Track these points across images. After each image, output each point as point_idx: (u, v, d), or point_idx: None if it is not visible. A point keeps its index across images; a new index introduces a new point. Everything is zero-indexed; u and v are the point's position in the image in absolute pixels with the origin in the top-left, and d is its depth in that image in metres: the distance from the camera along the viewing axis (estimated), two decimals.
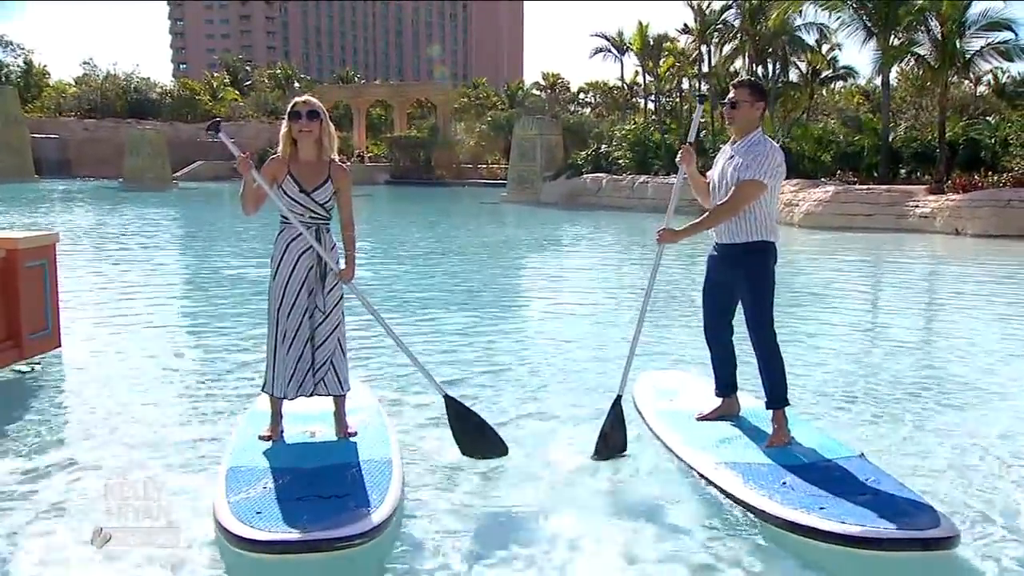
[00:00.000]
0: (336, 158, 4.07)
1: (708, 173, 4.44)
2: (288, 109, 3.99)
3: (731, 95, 4.20)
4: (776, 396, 4.14)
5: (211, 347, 6.99)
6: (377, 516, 3.22)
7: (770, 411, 4.19)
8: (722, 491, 3.71)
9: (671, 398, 4.83)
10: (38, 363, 6.09)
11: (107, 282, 10.86)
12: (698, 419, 4.46)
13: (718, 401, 4.51)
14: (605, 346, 7.15)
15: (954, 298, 11.14)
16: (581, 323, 8.58)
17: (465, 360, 6.62)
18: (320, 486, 3.48)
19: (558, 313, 9.32)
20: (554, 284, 12.31)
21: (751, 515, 3.52)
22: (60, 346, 6.39)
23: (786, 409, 4.19)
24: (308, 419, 4.26)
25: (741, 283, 4.21)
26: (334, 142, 4.05)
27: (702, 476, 3.88)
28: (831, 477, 3.69)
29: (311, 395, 4.06)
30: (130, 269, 12.74)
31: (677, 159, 4.35)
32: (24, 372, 5.92)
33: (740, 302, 4.30)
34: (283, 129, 4.00)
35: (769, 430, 4.17)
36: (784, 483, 3.65)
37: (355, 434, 4.11)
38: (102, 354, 6.60)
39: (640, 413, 4.66)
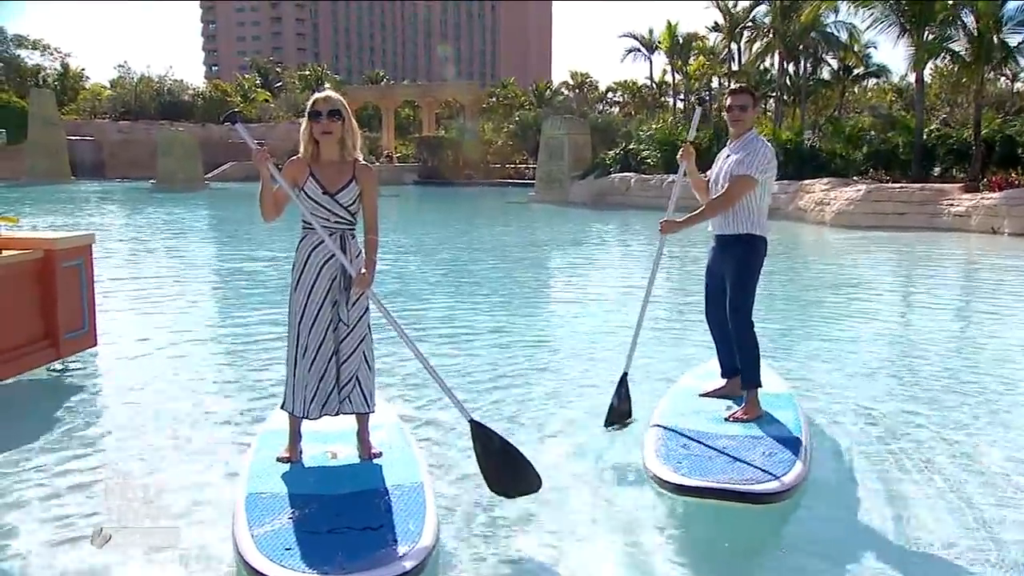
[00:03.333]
0: (361, 157, 3.80)
1: (708, 172, 4.80)
2: (308, 108, 3.71)
3: (738, 100, 4.57)
4: (747, 377, 4.52)
5: (244, 349, 6.97)
6: (417, 552, 2.97)
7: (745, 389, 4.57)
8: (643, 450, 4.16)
9: (705, 379, 5.09)
10: (74, 362, 6.14)
11: (142, 282, 10.99)
12: (700, 395, 4.82)
13: (723, 381, 4.84)
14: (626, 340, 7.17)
15: (994, 297, 10.96)
16: (608, 319, 8.57)
17: (487, 358, 6.67)
18: (351, 516, 3.22)
19: (584, 307, 9.37)
20: (580, 281, 12.29)
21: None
22: (96, 345, 6.42)
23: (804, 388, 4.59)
24: (327, 438, 3.98)
25: (729, 270, 4.57)
26: (358, 140, 3.78)
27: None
28: (740, 447, 4.04)
29: (336, 414, 3.80)
30: (164, 269, 12.91)
31: (678, 156, 4.76)
32: (60, 371, 5.98)
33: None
34: (303, 128, 3.72)
35: (765, 412, 4.48)
36: (685, 446, 4.07)
37: (379, 455, 3.84)
38: (136, 354, 6.64)
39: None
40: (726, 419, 4.45)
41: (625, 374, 4.61)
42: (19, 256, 5.73)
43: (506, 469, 3.64)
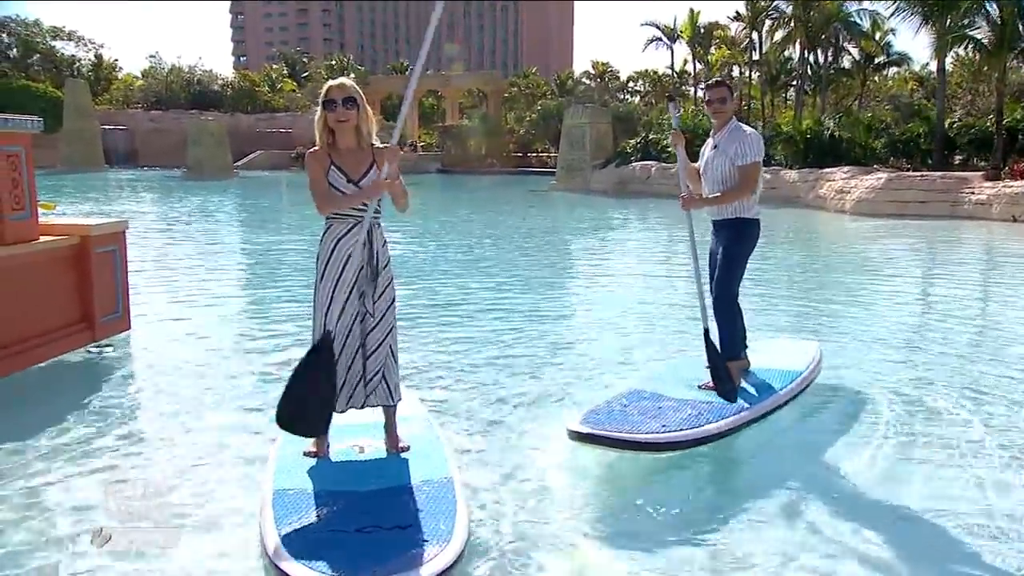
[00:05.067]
0: (376, 142, 3.72)
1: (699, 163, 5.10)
2: (322, 96, 3.61)
3: (716, 94, 4.85)
4: (725, 350, 4.80)
5: (273, 335, 6.88)
6: (448, 553, 2.86)
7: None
8: None
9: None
10: (109, 345, 6.23)
11: (173, 267, 11.19)
12: (707, 367, 5.05)
13: None
14: (652, 326, 7.49)
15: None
16: (626, 302, 8.86)
17: (506, 334, 7.06)
18: (380, 515, 3.14)
19: (603, 290, 9.74)
20: (598, 267, 12.63)
21: None
22: (130, 328, 6.53)
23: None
24: (354, 431, 3.90)
25: (720, 250, 4.88)
26: (373, 126, 3.68)
27: None
28: (676, 407, 4.39)
29: (362, 407, 3.72)
30: (194, 255, 13.11)
31: (670, 142, 5.16)
32: (96, 353, 6.07)
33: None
34: (318, 118, 3.62)
35: (760, 388, 4.80)
36: (625, 405, 4.42)
37: (407, 448, 3.76)
38: (168, 338, 6.70)
39: None
40: (699, 387, 4.74)
41: (706, 330, 4.76)
42: (56, 242, 5.86)
43: (309, 402, 3.48)
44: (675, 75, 47.11)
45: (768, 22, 31.35)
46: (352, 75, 67.21)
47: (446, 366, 5.89)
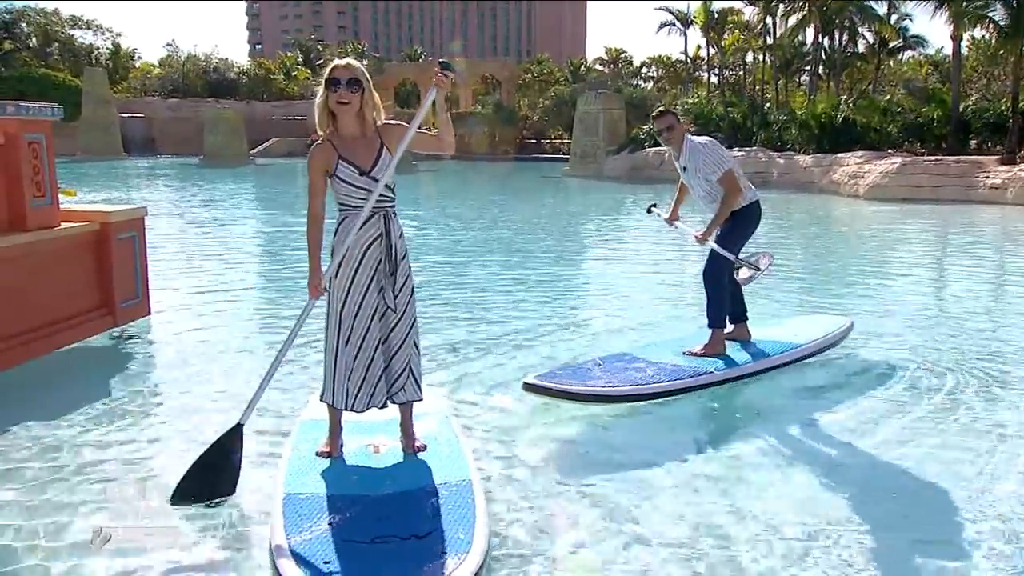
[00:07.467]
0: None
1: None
2: (325, 75, 3.35)
3: (661, 124, 5.30)
4: (709, 319, 5.29)
5: (293, 318, 6.56)
6: (467, 566, 2.71)
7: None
8: None
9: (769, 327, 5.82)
10: (129, 330, 6.30)
11: (191, 253, 11.31)
12: None
13: (731, 327, 5.52)
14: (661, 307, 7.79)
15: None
16: (643, 282, 9.09)
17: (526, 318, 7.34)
18: (396, 522, 2.98)
19: (619, 271, 9.98)
20: (612, 250, 12.87)
21: None
22: (149, 314, 6.63)
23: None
24: (368, 429, 3.75)
25: (720, 232, 5.28)
26: (380, 114, 3.44)
27: None
28: (644, 368, 4.69)
29: (383, 406, 3.53)
30: (212, 241, 13.25)
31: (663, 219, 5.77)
32: (117, 338, 6.14)
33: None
34: (319, 100, 3.37)
35: (756, 358, 5.17)
36: (598, 364, 4.76)
37: (424, 448, 3.60)
38: (188, 323, 6.73)
39: None
40: (683, 353, 5.09)
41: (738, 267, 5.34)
42: (77, 228, 5.94)
43: (212, 477, 3.35)
44: (689, 61, 46.94)
45: (782, 6, 31.22)
46: (366, 62, 67.17)
47: (453, 346, 5.96)
